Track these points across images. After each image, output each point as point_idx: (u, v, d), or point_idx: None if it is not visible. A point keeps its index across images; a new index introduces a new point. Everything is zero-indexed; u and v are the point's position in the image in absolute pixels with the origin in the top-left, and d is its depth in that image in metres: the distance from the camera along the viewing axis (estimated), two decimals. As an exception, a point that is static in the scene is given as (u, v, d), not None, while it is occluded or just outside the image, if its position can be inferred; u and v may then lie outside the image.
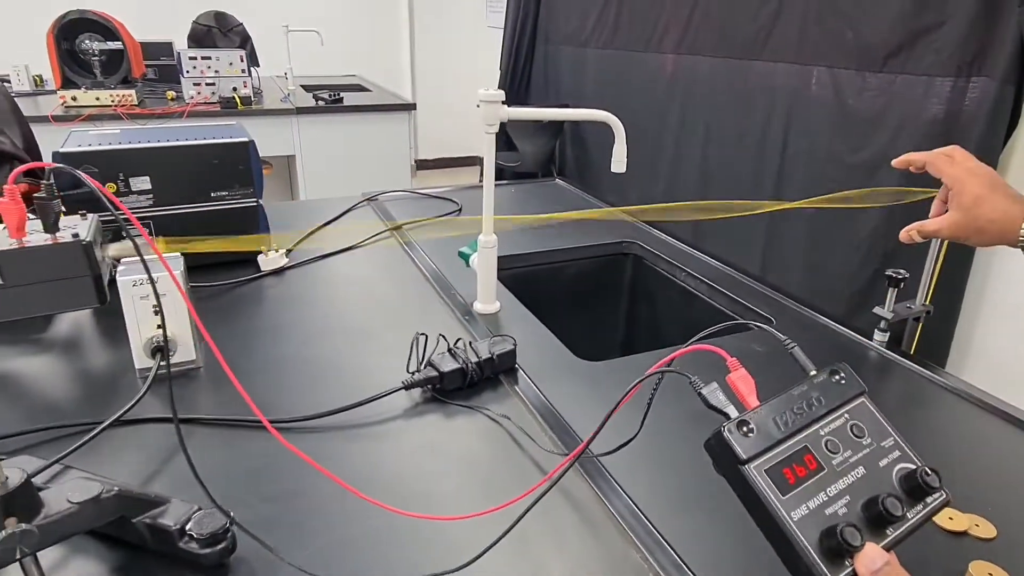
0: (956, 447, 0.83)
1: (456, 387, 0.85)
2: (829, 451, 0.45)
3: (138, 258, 0.66)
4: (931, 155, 0.81)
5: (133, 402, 0.74)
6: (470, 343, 0.89)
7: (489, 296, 1.08)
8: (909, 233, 0.83)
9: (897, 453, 0.47)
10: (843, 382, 0.48)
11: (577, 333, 1.21)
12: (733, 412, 0.46)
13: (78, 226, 0.79)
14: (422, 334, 0.87)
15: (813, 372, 0.49)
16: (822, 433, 0.46)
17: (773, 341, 0.50)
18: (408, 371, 0.85)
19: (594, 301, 1.46)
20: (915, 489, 0.45)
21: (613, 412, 0.53)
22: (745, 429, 0.43)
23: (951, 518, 0.66)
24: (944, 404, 0.90)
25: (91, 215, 0.81)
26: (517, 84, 4.40)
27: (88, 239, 0.76)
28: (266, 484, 0.68)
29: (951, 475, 0.73)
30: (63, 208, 0.73)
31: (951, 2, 1.77)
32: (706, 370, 0.49)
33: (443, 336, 0.89)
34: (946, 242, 1.07)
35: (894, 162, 0.84)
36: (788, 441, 0.44)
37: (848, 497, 0.44)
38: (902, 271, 0.98)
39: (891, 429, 0.48)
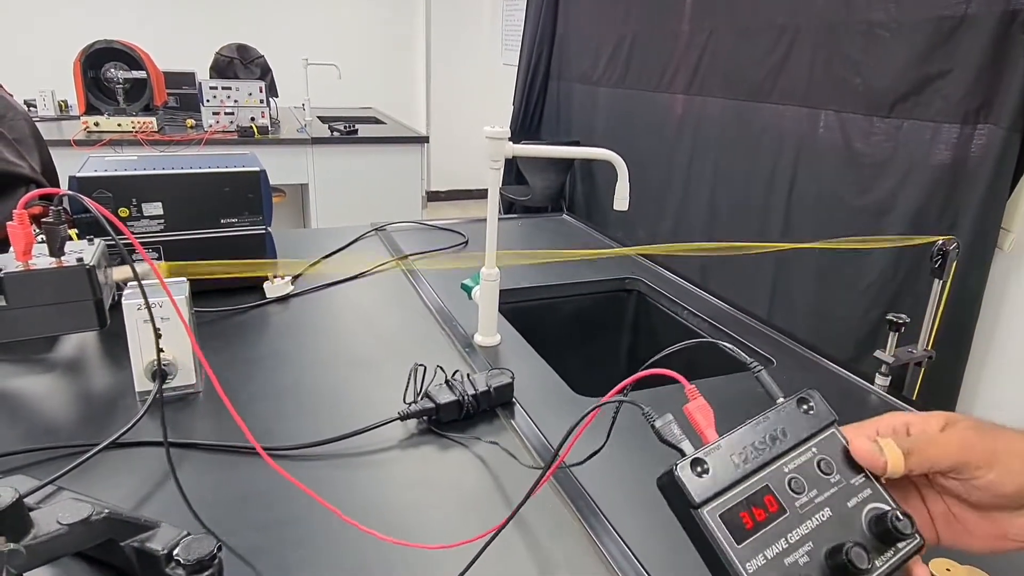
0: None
1: (452, 419, 0.85)
2: (793, 491, 0.41)
3: (148, 282, 0.67)
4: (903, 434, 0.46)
5: (129, 425, 0.75)
6: (468, 375, 0.89)
7: (490, 329, 1.08)
8: None
9: (868, 492, 0.43)
10: (812, 412, 0.44)
11: (578, 368, 1.21)
12: (688, 448, 0.42)
13: (84, 251, 0.80)
14: (420, 365, 0.87)
15: (781, 400, 0.45)
16: (786, 470, 0.42)
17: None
18: (405, 402, 0.85)
19: (596, 336, 1.46)
20: (885, 534, 0.41)
21: (576, 436, 0.50)
22: (700, 468, 0.40)
23: (948, 569, 0.65)
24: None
25: (97, 240, 0.83)
26: (530, 119, 4.48)
27: (91, 264, 0.78)
28: (258, 511, 0.68)
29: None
30: (70, 233, 0.75)
31: (959, 50, 1.80)
32: (681, 400, 0.46)
33: (441, 367, 0.89)
34: (948, 287, 1.07)
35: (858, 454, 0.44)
36: (747, 481, 0.40)
37: (811, 544, 0.40)
38: (903, 316, 0.98)
39: None
